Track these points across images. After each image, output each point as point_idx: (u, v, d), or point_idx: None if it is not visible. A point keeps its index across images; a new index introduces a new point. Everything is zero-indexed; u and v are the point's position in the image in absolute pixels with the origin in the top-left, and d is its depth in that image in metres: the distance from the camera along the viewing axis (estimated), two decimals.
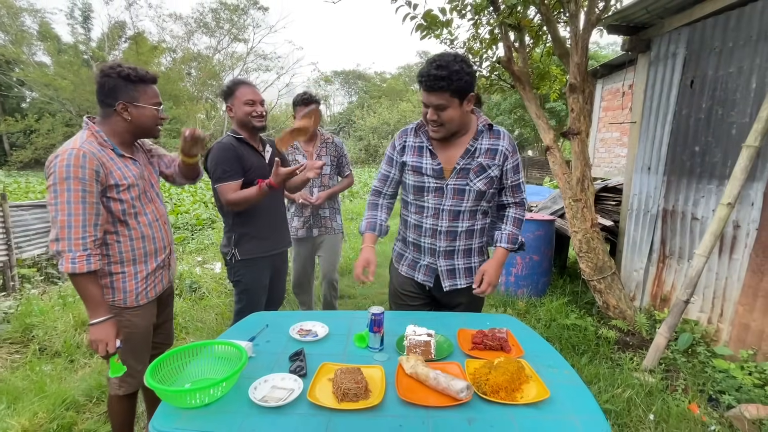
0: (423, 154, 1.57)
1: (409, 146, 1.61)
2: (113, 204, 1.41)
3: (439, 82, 1.35)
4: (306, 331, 1.46)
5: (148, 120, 1.46)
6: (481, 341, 1.34)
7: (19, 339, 2.76)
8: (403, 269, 1.73)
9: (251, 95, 1.96)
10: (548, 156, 3.32)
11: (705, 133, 2.75)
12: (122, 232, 1.46)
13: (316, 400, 1.02)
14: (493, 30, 3.52)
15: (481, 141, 1.54)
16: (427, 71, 1.37)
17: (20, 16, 23.25)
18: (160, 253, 1.59)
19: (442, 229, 1.59)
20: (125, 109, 1.40)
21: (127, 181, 1.43)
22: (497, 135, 1.55)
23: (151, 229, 1.54)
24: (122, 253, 1.46)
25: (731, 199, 2.34)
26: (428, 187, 1.57)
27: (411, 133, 1.62)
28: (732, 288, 2.57)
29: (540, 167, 17.76)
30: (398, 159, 1.63)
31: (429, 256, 1.65)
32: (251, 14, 28.77)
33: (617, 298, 3.12)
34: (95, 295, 1.35)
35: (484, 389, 1.07)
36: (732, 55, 2.57)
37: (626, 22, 3.18)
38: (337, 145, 2.77)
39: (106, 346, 1.35)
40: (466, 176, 1.53)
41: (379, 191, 1.73)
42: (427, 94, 1.40)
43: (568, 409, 1.02)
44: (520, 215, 1.65)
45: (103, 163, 1.36)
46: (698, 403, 2.14)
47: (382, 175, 1.70)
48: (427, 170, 1.56)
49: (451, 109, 1.41)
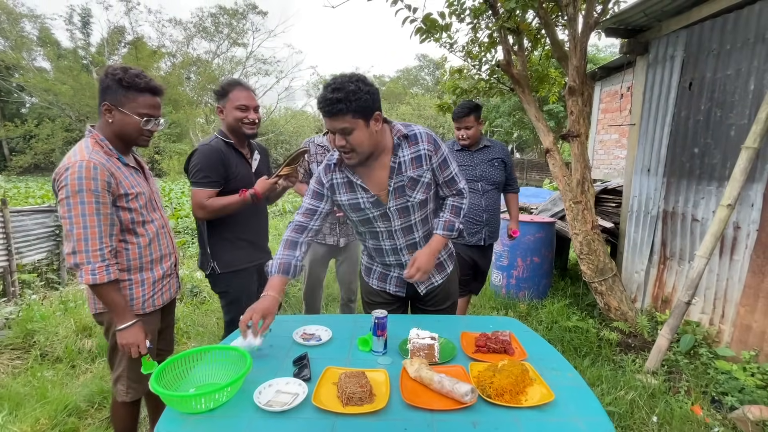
0: (355, 190, 1.50)
1: (337, 184, 1.52)
2: (123, 213, 1.42)
3: (337, 104, 1.28)
4: (309, 335, 1.46)
5: (129, 128, 1.41)
6: (485, 344, 1.35)
7: (20, 345, 2.76)
8: (373, 282, 1.72)
9: (245, 100, 1.86)
10: (548, 158, 3.33)
11: (704, 134, 2.76)
12: (130, 240, 1.47)
13: (321, 404, 1.02)
14: (492, 34, 3.55)
15: (402, 154, 1.46)
16: (324, 96, 1.30)
17: (20, 22, 23.33)
18: (166, 261, 1.60)
19: (402, 245, 1.59)
20: (108, 111, 1.39)
21: (135, 190, 1.44)
22: (415, 140, 1.47)
23: (158, 236, 1.55)
24: (130, 261, 1.47)
25: (731, 201, 2.35)
26: (373, 216, 1.53)
27: (335, 169, 1.52)
28: (733, 289, 2.57)
29: (539, 169, 17.80)
30: (328, 195, 1.54)
31: (397, 268, 1.65)
32: (250, 19, 28.89)
33: (618, 299, 3.12)
34: (119, 302, 1.38)
35: (489, 392, 1.07)
36: (730, 57, 2.59)
37: (624, 25, 3.20)
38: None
39: (138, 348, 1.41)
40: (403, 194, 1.49)
41: (303, 227, 1.52)
42: (329, 120, 1.33)
43: (572, 411, 1.02)
44: (459, 203, 1.59)
45: (113, 173, 1.37)
46: (701, 405, 2.14)
47: (307, 209, 1.54)
48: (364, 204, 1.51)
49: (358, 131, 1.34)
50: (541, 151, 22.83)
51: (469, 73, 4.15)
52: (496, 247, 3.94)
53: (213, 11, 28.33)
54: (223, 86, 1.90)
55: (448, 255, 1.72)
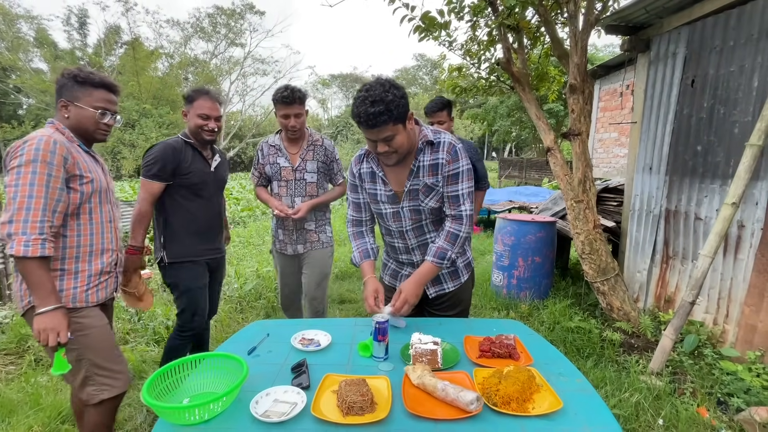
0: (376, 181, 1.56)
1: (364, 173, 1.59)
2: (73, 195, 1.38)
3: (380, 117, 1.29)
4: (308, 340, 1.42)
5: (87, 121, 1.44)
6: (489, 349, 1.31)
7: (14, 350, 2.71)
8: (386, 278, 1.77)
9: (207, 110, 1.96)
10: (549, 157, 3.29)
11: (707, 132, 2.73)
12: (71, 226, 1.40)
13: (321, 414, 0.98)
14: (492, 31, 3.51)
15: (423, 159, 1.48)
16: (365, 111, 1.29)
17: (17, 23, 23.23)
18: (107, 256, 1.52)
19: (413, 245, 1.61)
20: (65, 107, 1.42)
21: (91, 174, 1.42)
22: (437, 148, 1.47)
23: (102, 228, 1.49)
24: (66, 249, 1.40)
25: (735, 199, 2.31)
26: (385, 213, 1.58)
27: (363, 161, 1.59)
28: (737, 288, 2.54)
29: (538, 168, 17.77)
30: (360, 184, 1.62)
31: (409, 267, 1.68)
32: (248, 19, 28.83)
33: (621, 299, 3.08)
34: (45, 282, 1.27)
35: (495, 400, 1.03)
36: (733, 53, 2.55)
37: (625, 22, 3.16)
38: (327, 148, 2.40)
39: (57, 335, 1.27)
40: (416, 197, 1.51)
41: (358, 219, 1.67)
42: (370, 131, 1.34)
43: (582, 420, 0.99)
44: (456, 230, 1.50)
45: (71, 152, 1.36)
46: (707, 407, 2.11)
47: (354, 204, 1.66)
48: (381, 197, 1.56)
49: (398, 136, 1.37)
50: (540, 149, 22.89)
51: (469, 71, 4.11)
52: (496, 248, 3.90)
53: (210, 11, 28.26)
54: (190, 93, 2.00)
55: (465, 265, 1.69)
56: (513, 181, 18.64)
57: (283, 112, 2.23)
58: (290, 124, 2.24)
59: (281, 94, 2.19)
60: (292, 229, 2.39)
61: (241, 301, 3.70)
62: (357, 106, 1.33)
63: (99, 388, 1.46)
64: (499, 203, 7.45)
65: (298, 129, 2.27)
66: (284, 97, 2.18)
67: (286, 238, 2.42)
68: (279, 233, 2.45)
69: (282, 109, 2.22)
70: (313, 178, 2.36)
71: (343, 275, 4.67)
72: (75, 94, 1.42)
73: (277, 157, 2.34)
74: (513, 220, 3.78)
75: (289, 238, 2.41)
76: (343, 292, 4.07)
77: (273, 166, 2.34)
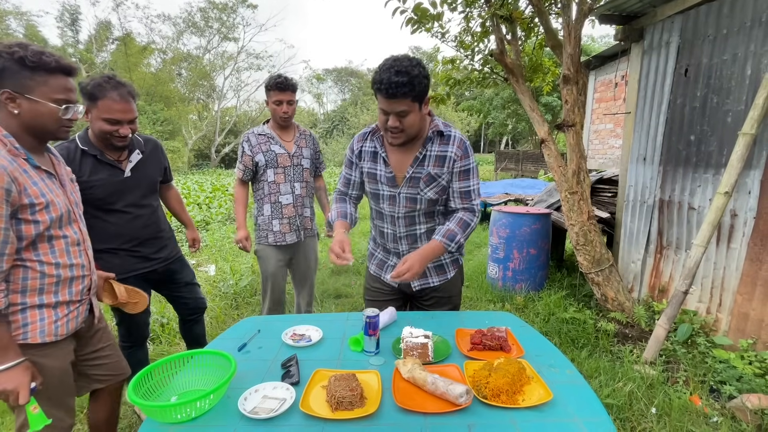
0: (377, 161, 1.53)
1: (366, 151, 1.57)
2: (24, 227, 1.11)
3: (402, 88, 1.27)
4: (299, 335, 1.41)
5: (45, 119, 1.14)
6: (480, 341, 1.30)
7: None
8: (372, 268, 1.75)
9: (118, 113, 1.59)
10: (543, 149, 3.28)
11: (700, 121, 2.72)
12: (29, 257, 1.15)
13: (309, 410, 0.98)
14: (485, 22, 3.48)
15: (431, 148, 1.47)
16: (388, 78, 1.27)
17: (5, 19, 22.87)
18: (77, 284, 1.28)
19: (401, 234, 1.58)
20: (11, 100, 1.09)
21: (44, 198, 1.14)
22: (447, 141, 1.47)
23: (68, 255, 1.24)
24: (27, 281, 1.16)
25: (728, 188, 2.31)
26: (382, 194, 1.55)
27: (367, 138, 1.57)
28: (730, 277, 2.55)
29: (534, 160, 17.76)
30: (357, 162, 1.60)
31: (395, 257, 1.65)
32: (240, 12, 28.52)
33: (615, 290, 3.10)
34: (2, 335, 1.07)
35: (485, 393, 1.03)
36: (726, 42, 2.54)
37: (618, 11, 3.14)
38: (314, 139, 2.51)
39: (17, 396, 1.08)
40: (416, 185, 1.49)
41: (344, 193, 1.67)
42: (388, 102, 1.32)
43: (572, 411, 0.99)
44: (469, 219, 1.51)
45: (16, 178, 1.07)
46: (700, 395, 2.13)
47: (345, 178, 1.66)
48: (381, 177, 1.53)
49: (412, 114, 1.35)
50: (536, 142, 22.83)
51: (462, 63, 4.08)
52: (491, 240, 3.90)
53: (202, 5, 27.91)
54: (91, 89, 1.55)
55: (452, 261, 1.68)
56: (509, 173, 18.64)
57: (276, 98, 2.24)
58: (283, 110, 2.25)
59: (275, 81, 2.22)
60: (294, 215, 2.38)
61: (236, 297, 3.69)
62: (381, 72, 1.29)
63: None
64: (495, 196, 7.45)
65: (289, 116, 2.29)
66: (278, 83, 2.21)
67: (284, 227, 2.37)
68: (274, 224, 2.36)
69: (275, 95, 2.24)
70: (308, 164, 2.41)
71: (339, 269, 4.67)
72: (25, 83, 1.09)
73: (270, 144, 2.31)
74: (508, 212, 3.78)
75: (289, 226, 2.38)
76: (339, 287, 4.07)
77: (268, 154, 2.30)
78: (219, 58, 29.40)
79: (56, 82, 1.13)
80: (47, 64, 1.10)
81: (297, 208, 2.39)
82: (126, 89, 1.63)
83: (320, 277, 4.39)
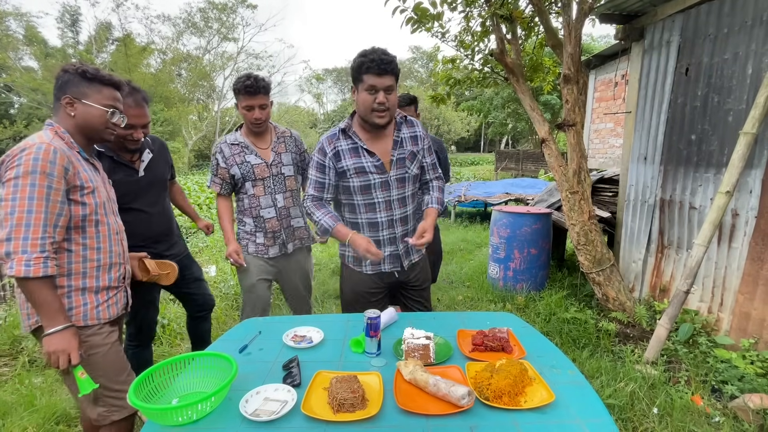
0: (360, 155, 1.64)
1: (343, 150, 1.64)
2: (75, 208, 1.28)
3: (390, 65, 1.50)
4: (300, 337, 1.41)
5: (95, 120, 1.34)
6: (482, 342, 1.30)
7: (7, 351, 2.69)
8: (367, 268, 1.77)
9: (134, 118, 1.66)
10: (544, 148, 3.28)
11: (701, 121, 2.71)
12: (76, 240, 1.30)
13: (311, 412, 0.98)
14: (485, 22, 3.47)
15: (403, 131, 1.70)
16: (378, 57, 1.49)
17: (5, 20, 22.84)
18: (115, 270, 1.43)
19: (397, 217, 1.72)
20: (70, 104, 1.31)
21: (93, 183, 1.32)
22: (411, 124, 1.74)
23: (109, 242, 1.40)
24: (71, 264, 1.31)
25: (729, 187, 2.31)
26: (374, 183, 1.65)
27: (340, 137, 1.65)
28: (732, 277, 2.55)
29: (534, 160, 17.76)
30: (332, 165, 1.64)
31: (389, 245, 1.74)
32: (240, 13, 28.47)
33: (616, 290, 3.09)
34: (51, 301, 1.19)
35: (487, 394, 1.03)
36: (727, 41, 2.53)
37: (619, 10, 3.13)
38: (296, 139, 2.22)
39: (68, 357, 1.20)
40: (403, 165, 1.68)
41: (319, 198, 1.69)
42: (379, 78, 1.50)
43: (574, 412, 0.98)
44: (442, 185, 1.85)
45: (72, 161, 1.26)
46: (701, 395, 2.12)
47: (317, 182, 1.67)
48: (369, 168, 1.64)
49: (395, 93, 1.57)
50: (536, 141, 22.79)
51: (462, 63, 4.07)
52: (492, 240, 3.90)
53: (202, 6, 27.90)
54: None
55: None
56: (509, 173, 18.63)
57: (246, 103, 1.95)
58: (254, 116, 1.98)
59: (243, 84, 1.93)
60: (278, 228, 2.13)
61: (237, 298, 3.68)
62: (370, 53, 1.51)
63: (109, 409, 1.39)
64: (496, 195, 7.45)
65: (263, 121, 2.01)
66: (247, 87, 1.92)
67: (268, 240, 2.14)
68: (258, 236, 2.13)
69: (245, 100, 1.95)
70: (291, 171, 2.14)
71: (339, 270, 4.66)
72: (82, 91, 1.31)
73: (245, 155, 2.05)
74: (509, 212, 3.77)
75: (273, 240, 2.15)
76: (338, 288, 4.06)
77: (243, 166, 2.03)
78: (219, 59, 29.36)
79: (107, 92, 1.36)
80: (102, 77, 1.34)
81: (282, 221, 2.13)
82: (140, 95, 1.73)
83: (321, 277, 4.39)
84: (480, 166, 26.66)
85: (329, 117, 40.38)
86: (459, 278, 4.31)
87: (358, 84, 1.55)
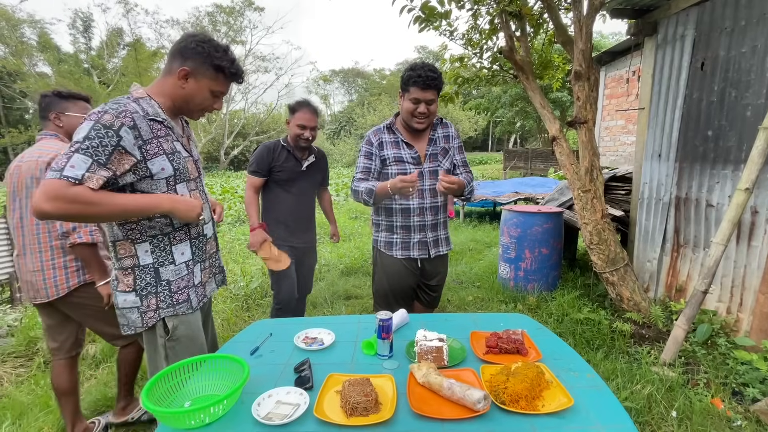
0: (401, 147, 1.90)
1: (386, 142, 1.90)
2: None
3: (435, 81, 1.73)
4: (311, 339, 1.40)
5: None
6: (496, 344, 1.28)
7: (23, 352, 2.73)
8: (397, 253, 1.96)
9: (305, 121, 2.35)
10: (555, 146, 3.23)
11: (718, 116, 2.65)
12: None
13: (324, 415, 0.96)
14: (493, 19, 3.43)
15: (438, 131, 1.95)
16: (425, 73, 1.71)
17: (20, 28, 23.31)
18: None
19: (427, 206, 1.92)
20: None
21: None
22: (446, 125, 1.99)
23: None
24: None
25: (749, 184, 2.24)
26: (410, 172, 1.84)
27: (384, 131, 1.92)
28: (751, 276, 2.48)
29: (544, 158, 17.57)
30: (377, 153, 1.90)
31: (419, 232, 1.94)
32: (247, 16, 28.72)
33: (631, 290, 3.03)
34: (101, 262, 1.67)
35: (503, 398, 1.00)
36: (744, 34, 2.46)
37: (631, 5, 3.07)
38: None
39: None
40: (436, 159, 1.92)
41: (365, 180, 1.89)
42: (423, 92, 1.74)
43: (594, 417, 0.95)
44: (471, 179, 1.99)
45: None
46: (722, 398, 2.06)
47: (365, 167, 1.90)
48: (407, 159, 1.89)
49: (435, 104, 1.80)
50: (545, 140, 22.57)
51: (470, 61, 4.04)
52: (502, 240, 3.86)
53: (210, 10, 28.18)
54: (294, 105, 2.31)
55: (446, 238, 2.06)
56: (518, 172, 18.47)
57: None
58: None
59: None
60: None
61: (247, 299, 3.70)
62: (417, 69, 1.73)
63: None
64: (505, 195, 7.37)
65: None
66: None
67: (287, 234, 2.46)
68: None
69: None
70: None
71: (349, 271, 4.65)
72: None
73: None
74: (519, 211, 3.73)
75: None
76: (349, 288, 4.06)
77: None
78: None
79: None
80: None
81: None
82: (312, 107, 2.34)
83: (330, 278, 4.38)
84: (488, 165, 26.46)
85: (336, 118, 40.47)
86: (469, 278, 4.27)
87: (405, 93, 1.80)
